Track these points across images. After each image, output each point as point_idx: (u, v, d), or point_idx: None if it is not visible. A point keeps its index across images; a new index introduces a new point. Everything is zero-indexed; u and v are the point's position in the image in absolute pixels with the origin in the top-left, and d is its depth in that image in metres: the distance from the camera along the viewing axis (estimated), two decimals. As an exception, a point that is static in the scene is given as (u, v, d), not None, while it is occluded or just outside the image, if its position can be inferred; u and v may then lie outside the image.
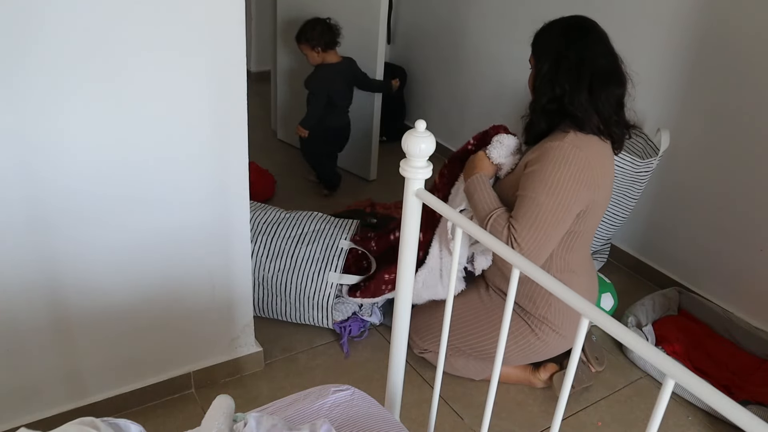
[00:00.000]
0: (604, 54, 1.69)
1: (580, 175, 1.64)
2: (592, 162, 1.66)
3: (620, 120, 1.73)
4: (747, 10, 2.18)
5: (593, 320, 0.95)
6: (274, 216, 2.30)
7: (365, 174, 3.41)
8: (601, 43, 1.70)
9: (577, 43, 1.68)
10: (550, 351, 1.94)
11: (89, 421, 0.99)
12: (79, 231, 1.54)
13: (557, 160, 1.64)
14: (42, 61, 1.33)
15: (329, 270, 2.18)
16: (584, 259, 1.90)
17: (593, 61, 1.67)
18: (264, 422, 1.07)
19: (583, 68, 1.66)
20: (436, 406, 1.44)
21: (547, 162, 1.65)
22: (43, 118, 1.38)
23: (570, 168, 1.63)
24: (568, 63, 1.67)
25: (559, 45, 1.70)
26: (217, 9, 1.49)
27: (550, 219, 1.65)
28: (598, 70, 1.67)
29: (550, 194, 1.64)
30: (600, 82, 1.66)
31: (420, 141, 1.20)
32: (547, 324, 1.87)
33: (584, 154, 1.65)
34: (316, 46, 2.90)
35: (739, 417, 0.77)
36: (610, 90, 1.68)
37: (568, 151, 1.64)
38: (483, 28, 3.33)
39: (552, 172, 1.64)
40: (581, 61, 1.67)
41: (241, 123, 1.66)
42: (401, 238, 1.33)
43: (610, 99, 1.68)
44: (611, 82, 1.68)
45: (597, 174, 1.67)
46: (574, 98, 1.67)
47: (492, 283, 1.95)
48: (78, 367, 1.70)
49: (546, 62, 1.71)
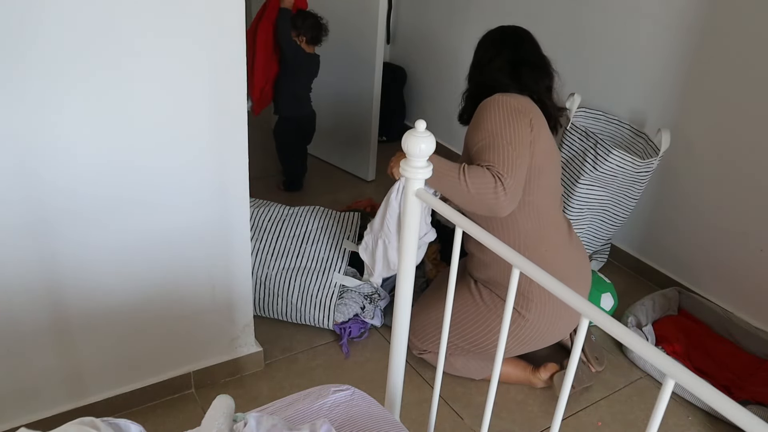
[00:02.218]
0: (529, 50, 1.88)
1: (514, 111, 1.74)
2: (522, 103, 1.77)
3: (548, 101, 1.88)
4: (747, 10, 2.18)
5: (593, 320, 0.95)
6: (276, 213, 2.30)
7: (364, 174, 3.41)
8: (528, 43, 1.90)
9: (505, 40, 1.89)
10: (541, 335, 1.91)
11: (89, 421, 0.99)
12: (79, 232, 1.54)
13: (491, 107, 1.76)
14: (41, 62, 1.33)
15: (333, 270, 2.19)
16: (557, 232, 1.90)
17: (517, 50, 1.86)
18: (264, 422, 1.07)
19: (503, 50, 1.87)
20: (436, 406, 1.44)
21: (484, 112, 1.76)
22: (43, 119, 1.38)
23: (505, 107, 1.75)
24: (495, 53, 1.87)
25: (489, 42, 1.92)
26: (217, 9, 1.49)
27: (516, 150, 1.70)
28: (521, 56, 1.85)
29: (502, 129, 1.72)
30: (522, 65, 1.84)
31: (420, 141, 1.20)
32: (530, 299, 1.85)
33: (514, 100, 1.77)
34: (300, 35, 2.93)
35: (739, 417, 0.77)
36: (535, 74, 1.85)
37: (498, 98, 1.77)
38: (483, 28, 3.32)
39: (492, 115, 1.74)
40: (504, 48, 1.87)
41: (240, 123, 1.66)
42: (401, 237, 1.33)
43: (535, 81, 1.85)
44: (534, 67, 1.86)
45: (528, 113, 1.76)
46: (493, 71, 1.86)
47: (478, 277, 1.95)
48: (78, 367, 1.70)
49: (476, 56, 1.93)
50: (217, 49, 1.53)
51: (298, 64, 2.99)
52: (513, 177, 1.66)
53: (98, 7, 1.34)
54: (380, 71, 3.13)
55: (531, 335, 1.92)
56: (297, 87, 3.07)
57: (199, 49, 1.50)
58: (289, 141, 3.18)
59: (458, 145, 3.64)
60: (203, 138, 1.61)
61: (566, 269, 1.89)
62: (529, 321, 1.88)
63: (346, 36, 3.07)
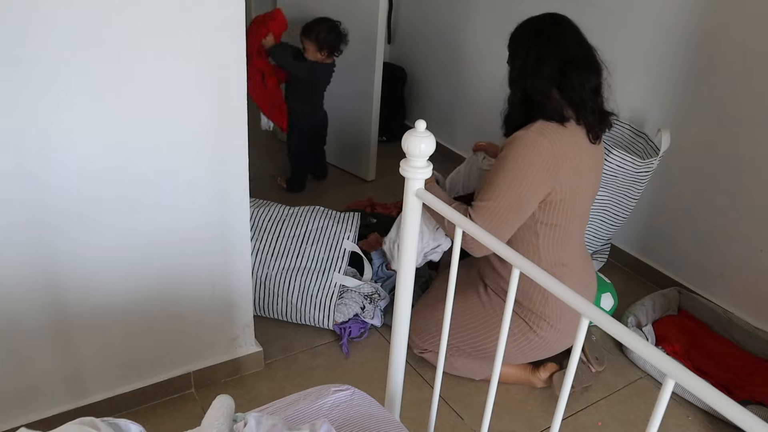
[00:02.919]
0: (574, 43, 1.73)
1: (540, 161, 1.68)
2: (556, 149, 1.69)
3: (596, 107, 1.75)
4: (747, 10, 2.18)
5: (593, 320, 0.95)
6: (276, 213, 2.30)
7: (364, 174, 3.41)
8: (572, 33, 1.74)
9: (547, 35, 1.73)
10: (549, 348, 1.94)
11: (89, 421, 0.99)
12: (79, 232, 1.54)
13: (520, 146, 1.70)
14: (41, 62, 1.33)
15: (333, 270, 2.19)
16: (577, 253, 1.90)
17: (563, 49, 1.71)
18: (264, 422, 1.07)
19: (550, 55, 1.70)
20: (436, 406, 1.44)
21: (511, 149, 1.72)
22: (42, 120, 1.38)
23: (531, 154, 1.68)
24: (537, 54, 1.71)
25: (529, 38, 1.75)
26: (218, 9, 1.49)
27: (508, 202, 1.71)
28: (568, 58, 1.70)
29: (510, 179, 1.70)
30: (570, 68, 1.70)
31: (420, 141, 1.20)
32: (545, 320, 1.87)
33: (547, 142, 1.68)
34: (323, 49, 2.92)
35: (739, 417, 0.77)
36: (582, 76, 1.70)
37: (532, 138, 1.69)
38: (483, 28, 3.33)
39: (514, 157, 1.70)
40: (549, 50, 1.71)
41: (241, 123, 1.66)
42: (401, 238, 1.33)
43: (582, 85, 1.71)
44: (582, 68, 1.71)
45: (561, 161, 1.71)
46: (539, 84, 1.71)
47: (489, 283, 1.95)
48: (78, 367, 1.70)
49: (518, 56, 1.76)
50: (217, 48, 1.53)
51: (311, 78, 3.01)
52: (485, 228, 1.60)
53: (98, 8, 1.34)
54: (380, 71, 3.13)
55: (538, 349, 1.94)
56: (311, 97, 3.09)
57: (199, 48, 1.50)
58: (302, 143, 3.18)
59: (458, 145, 3.64)
60: (203, 138, 1.61)
61: (576, 286, 1.89)
62: (539, 337, 1.90)
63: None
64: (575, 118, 1.74)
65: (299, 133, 3.15)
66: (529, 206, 1.74)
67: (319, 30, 2.90)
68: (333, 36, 2.92)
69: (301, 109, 3.09)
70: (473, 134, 3.55)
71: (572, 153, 1.73)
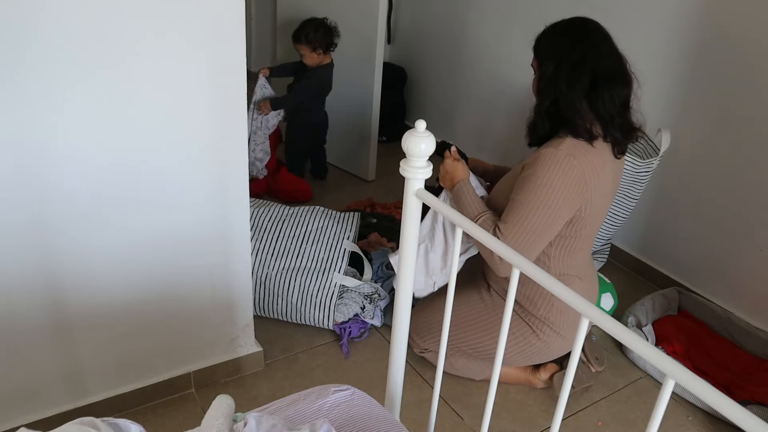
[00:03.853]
0: (606, 54, 1.67)
1: (571, 183, 1.65)
2: (586, 171, 1.66)
3: (623, 122, 1.70)
4: (747, 10, 2.18)
5: (593, 320, 0.95)
6: (276, 213, 2.30)
7: (364, 174, 3.40)
8: (604, 43, 1.68)
9: (580, 44, 1.67)
10: (551, 352, 1.94)
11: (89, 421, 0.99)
12: (79, 231, 1.54)
13: (550, 167, 1.65)
14: (42, 62, 1.33)
15: (333, 270, 2.19)
16: (584, 263, 1.90)
17: (596, 62, 1.65)
18: (264, 422, 1.07)
19: (583, 69, 1.65)
20: (436, 406, 1.44)
21: (540, 168, 1.66)
22: (43, 120, 1.38)
23: (561, 176, 1.64)
24: (569, 64, 1.66)
25: (561, 46, 1.68)
26: (217, 9, 1.49)
27: (537, 224, 1.67)
28: (600, 71, 1.64)
29: (540, 200, 1.66)
30: (601, 82, 1.64)
31: (420, 141, 1.20)
32: (548, 325, 1.87)
33: (578, 163, 1.65)
34: (317, 48, 2.91)
35: (739, 417, 0.77)
36: (613, 90, 1.65)
37: (562, 159, 1.64)
38: (483, 28, 3.33)
39: (544, 179, 1.65)
40: (583, 62, 1.65)
41: (241, 123, 1.66)
42: (401, 238, 1.33)
43: (612, 100, 1.65)
44: (613, 82, 1.65)
45: (590, 183, 1.68)
46: (572, 100, 1.66)
47: (493, 285, 1.95)
48: (78, 367, 1.70)
49: (549, 65, 1.69)
50: (217, 48, 1.53)
51: (316, 87, 3.04)
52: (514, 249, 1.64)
53: (98, 8, 1.34)
54: (380, 71, 3.13)
55: (539, 353, 1.94)
56: (316, 102, 3.11)
57: (199, 48, 1.50)
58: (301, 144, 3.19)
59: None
60: (203, 137, 1.61)
61: (582, 295, 1.89)
62: (542, 341, 1.90)
63: (346, 36, 3.07)
64: (602, 135, 1.68)
65: (298, 135, 3.15)
66: (556, 227, 1.71)
67: (307, 31, 2.90)
68: (321, 32, 2.91)
69: (301, 113, 3.10)
70: (473, 134, 3.56)
71: (600, 174, 1.70)
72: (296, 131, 3.15)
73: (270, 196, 3.09)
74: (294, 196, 3.05)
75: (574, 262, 1.84)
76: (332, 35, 2.95)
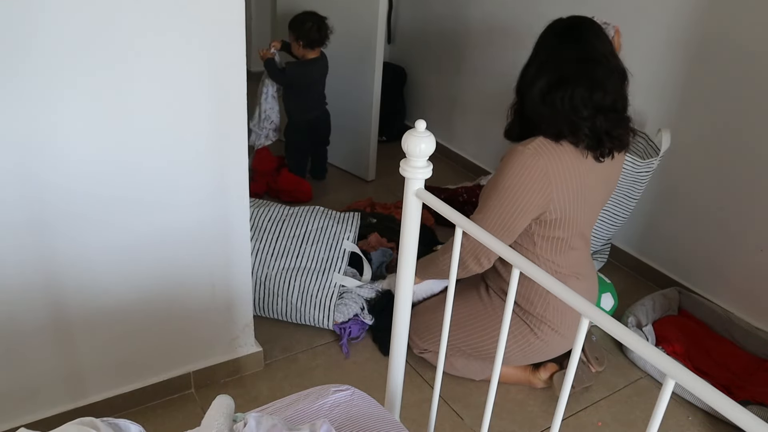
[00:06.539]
0: (574, 58, 1.63)
1: (531, 183, 1.66)
2: (551, 170, 1.66)
3: (594, 126, 1.63)
4: (747, 10, 2.17)
5: (593, 320, 0.95)
6: (276, 213, 2.30)
7: (364, 174, 3.40)
8: (577, 45, 1.64)
9: (549, 46, 1.68)
10: (550, 351, 1.94)
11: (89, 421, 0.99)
12: (79, 231, 1.54)
13: (514, 164, 1.68)
14: (41, 62, 1.33)
15: (333, 270, 2.19)
16: (580, 263, 1.89)
17: (558, 63, 1.64)
18: (264, 422, 1.07)
19: (546, 69, 1.65)
20: (436, 406, 1.44)
21: (506, 165, 1.70)
22: (42, 119, 1.38)
23: (524, 174, 1.66)
24: (536, 66, 1.68)
25: (536, 47, 1.72)
26: (217, 9, 1.49)
27: (499, 219, 1.71)
28: (563, 73, 1.62)
29: (501, 195, 1.70)
30: (558, 84, 1.62)
31: (420, 141, 1.20)
32: (547, 323, 1.87)
33: (543, 163, 1.65)
34: (299, 40, 2.92)
35: (739, 417, 0.77)
36: (564, 93, 1.62)
37: (527, 157, 1.66)
38: (483, 28, 3.33)
39: (506, 176, 1.69)
40: (546, 62, 1.66)
41: (241, 123, 1.66)
42: (401, 238, 1.33)
43: (563, 101, 1.62)
44: (569, 83, 1.61)
45: (557, 183, 1.67)
46: (531, 98, 1.68)
47: (491, 284, 1.95)
48: (78, 367, 1.70)
49: (526, 65, 1.73)
50: (217, 48, 1.53)
51: (298, 83, 3.02)
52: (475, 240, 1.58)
53: (97, 7, 1.34)
54: (380, 71, 3.13)
55: (539, 352, 1.94)
56: (305, 97, 3.09)
57: (199, 48, 1.50)
58: (299, 143, 3.18)
59: (458, 145, 3.65)
60: (203, 138, 1.61)
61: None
62: (541, 340, 1.90)
63: (346, 36, 3.07)
64: (570, 136, 1.65)
65: (296, 134, 3.14)
66: (519, 225, 1.73)
67: (296, 20, 2.91)
68: (308, 26, 2.89)
69: (295, 110, 3.09)
70: (473, 134, 3.56)
71: (571, 173, 1.68)
72: (294, 131, 3.15)
73: (270, 196, 3.09)
74: (295, 196, 3.05)
75: (566, 261, 1.84)
76: (318, 33, 2.91)
